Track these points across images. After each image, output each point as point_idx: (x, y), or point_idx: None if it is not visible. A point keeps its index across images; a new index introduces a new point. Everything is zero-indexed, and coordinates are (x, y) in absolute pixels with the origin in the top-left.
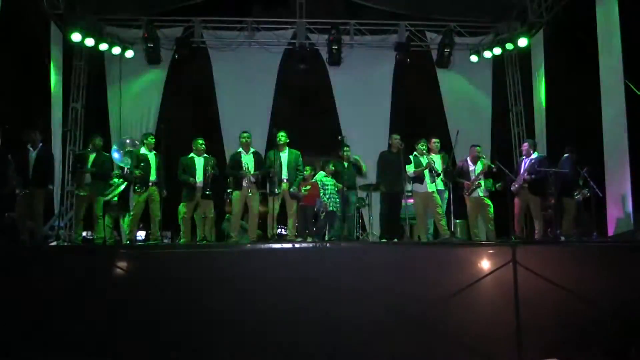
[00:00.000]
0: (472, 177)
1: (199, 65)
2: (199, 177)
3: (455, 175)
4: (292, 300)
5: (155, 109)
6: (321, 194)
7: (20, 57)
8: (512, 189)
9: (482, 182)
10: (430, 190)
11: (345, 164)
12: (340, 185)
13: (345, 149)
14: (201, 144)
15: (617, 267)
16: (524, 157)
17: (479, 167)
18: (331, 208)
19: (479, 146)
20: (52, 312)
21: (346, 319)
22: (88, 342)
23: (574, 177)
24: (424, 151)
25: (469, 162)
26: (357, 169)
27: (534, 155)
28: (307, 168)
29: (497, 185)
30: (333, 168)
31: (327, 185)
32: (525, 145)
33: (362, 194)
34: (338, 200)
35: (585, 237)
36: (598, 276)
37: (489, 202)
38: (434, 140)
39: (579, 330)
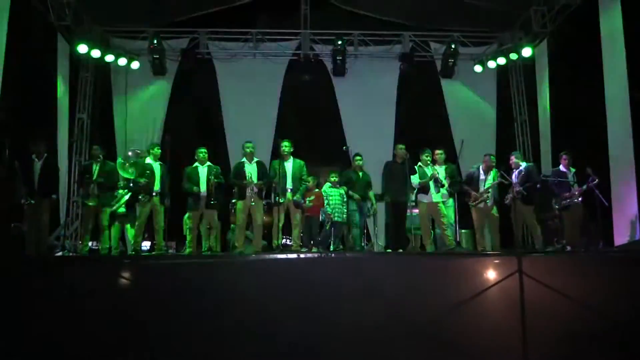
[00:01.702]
0: (482, 186)
1: (204, 76)
2: (203, 187)
3: (463, 183)
4: (296, 310)
5: (160, 119)
6: (325, 205)
7: (27, 68)
8: (505, 202)
9: (491, 194)
10: (435, 200)
11: (360, 173)
12: (356, 195)
13: (357, 158)
14: (203, 153)
15: (623, 277)
16: (514, 170)
17: (490, 179)
18: (336, 218)
19: (493, 155)
20: (56, 322)
21: (351, 329)
22: (92, 353)
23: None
24: (429, 162)
25: (481, 171)
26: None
27: (523, 166)
28: (310, 178)
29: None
30: (336, 179)
31: (331, 195)
32: (512, 158)
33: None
34: (345, 210)
35: (592, 247)
36: (605, 286)
37: (496, 213)
38: (437, 151)
39: (586, 340)
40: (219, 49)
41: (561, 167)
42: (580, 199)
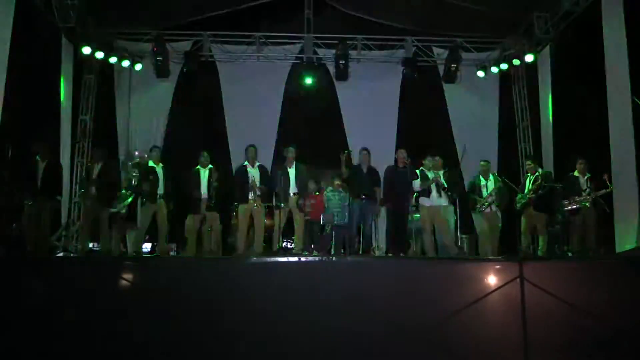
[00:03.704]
0: (484, 192)
1: (207, 79)
2: (204, 189)
3: (469, 192)
4: (297, 314)
5: (163, 121)
6: (325, 208)
7: (31, 69)
8: (517, 206)
9: (494, 199)
10: (437, 204)
11: (364, 169)
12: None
13: (363, 152)
14: (205, 157)
15: (625, 284)
16: (529, 174)
17: (490, 184)
18: (336, 222)
19: (484, 161)
20: (57, 322)
21: (351, 333)
22: (92, 353)
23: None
24: (431, 166)
25: (481, 178)
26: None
27: (538, 173)
28: (311, 182)
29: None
30: (339, 182)
31: (331, 199)
32: (528, 163)
33: None
34: (345, 213)
35: (592, 253)
36: (606, 293)
37: (499, 219)
38: (436, 158)
39: (587, 347)
40: (222, 52)
41: (575, 173)
42: (588, 204)
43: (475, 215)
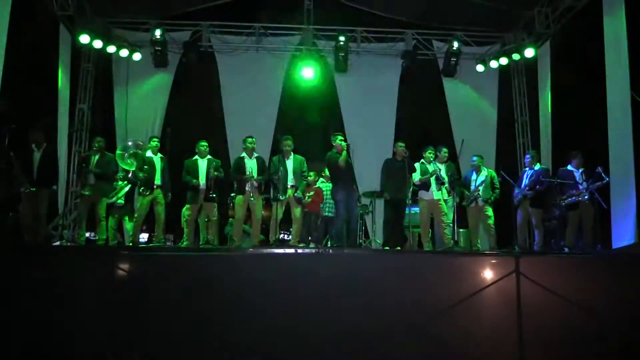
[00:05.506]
0: (472, 186)
1: (206, 70)
2: (202, 180)
3: (460, 186)
4: (293, 306)
5: (161, 112)
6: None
7: (28, 57)
8: (514, 201)
9: (481, 192)
10: (436, 197)
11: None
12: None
13: (339, 138)
14: (204, 146)
15: (621, 280)
16: (527, 169)
17: (480, 178)
18: (326, 213)
19: (477, 156)
20: (53, 312)
21: (347, 326)
22: (87, 343)
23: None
24: (431, 159)
25: (473, 173)
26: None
27: (536, 168)
28: (312, 174)
29: (495, 193)
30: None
31: (323, 190)
32: (527, 157)
33: (365, 201)
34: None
35: (589, 249)
36: (602, 288)
37: (489, 211)
38: (444, 150)
39: (583, 342)
40: (221, 43)
41: (569, 167)
42: (587, 197)
43: (467, 210)
